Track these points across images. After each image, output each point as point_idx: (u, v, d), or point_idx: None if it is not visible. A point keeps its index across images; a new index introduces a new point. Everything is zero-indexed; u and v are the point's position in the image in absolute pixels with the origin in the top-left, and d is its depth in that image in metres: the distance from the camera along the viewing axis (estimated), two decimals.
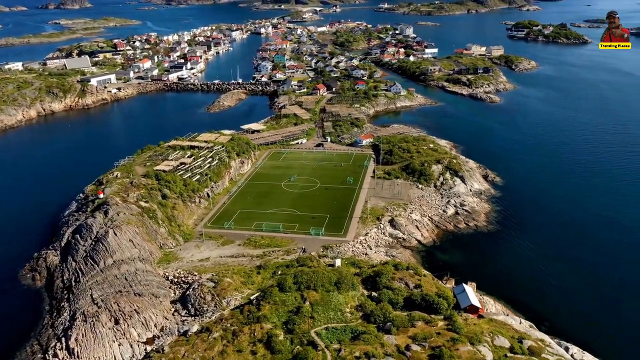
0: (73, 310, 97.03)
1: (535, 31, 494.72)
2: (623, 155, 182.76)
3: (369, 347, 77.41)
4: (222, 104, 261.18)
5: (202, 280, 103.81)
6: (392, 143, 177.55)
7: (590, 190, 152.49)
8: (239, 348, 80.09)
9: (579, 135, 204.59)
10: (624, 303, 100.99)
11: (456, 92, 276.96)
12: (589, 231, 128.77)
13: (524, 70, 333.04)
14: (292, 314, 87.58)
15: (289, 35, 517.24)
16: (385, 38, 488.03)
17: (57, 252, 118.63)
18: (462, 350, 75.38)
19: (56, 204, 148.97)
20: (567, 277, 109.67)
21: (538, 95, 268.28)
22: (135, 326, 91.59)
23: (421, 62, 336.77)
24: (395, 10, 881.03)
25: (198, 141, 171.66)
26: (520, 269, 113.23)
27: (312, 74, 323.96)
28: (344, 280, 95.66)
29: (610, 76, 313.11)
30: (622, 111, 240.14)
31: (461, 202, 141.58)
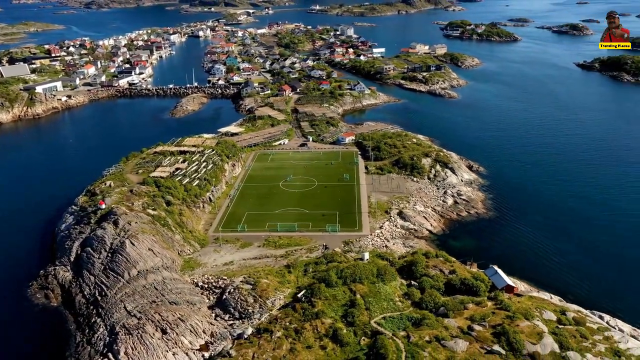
0: (110, 325, 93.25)
1: (469, 30, 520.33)
2: (580, 140, 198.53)
3: (434, 331, 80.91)
4: (186, 108, 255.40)
5: (237, 284, 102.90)
6: (376, 139, 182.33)
7: (562, 173, 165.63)
8: (307, 344, 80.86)
9: (538, 125, 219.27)
10: (625, 270, 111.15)
11: (414, 89, 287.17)
12: (574, 209, 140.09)
13: (470, 67, 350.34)
14: (347, 307, 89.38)
15: (232, 38, 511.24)
16: (328, 39, 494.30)
17: (68, 268, 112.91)
18: (522, 326, 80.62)
19: (43, 217, 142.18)
20: (568, 253, 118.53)
21: (491, 90, 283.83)
22: (184, 334, 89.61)
23: (374, 62, 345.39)
24: (328, 11, 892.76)
25: (185, 146, 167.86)
26: (526, 249, 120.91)
27: (268, 75, 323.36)
28: (385, 272, 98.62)
29: (549, 70, 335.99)
30: (569, 101, 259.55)
31: (457, 192, 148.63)
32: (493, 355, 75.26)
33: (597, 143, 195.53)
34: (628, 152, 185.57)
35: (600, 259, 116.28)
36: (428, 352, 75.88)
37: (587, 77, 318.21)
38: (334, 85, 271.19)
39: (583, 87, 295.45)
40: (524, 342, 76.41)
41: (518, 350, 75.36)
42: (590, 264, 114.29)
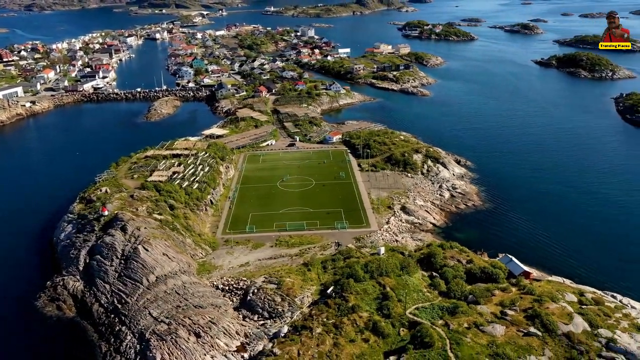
0: (137, 332, 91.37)
1: (428, 30, 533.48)
2: (549, 131, 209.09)
3: (470, 318, 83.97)
4: (160, 112, 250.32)
5: (259, 284, 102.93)
6: (364, 138, 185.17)
7: (541, 163, 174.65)
8: (349, 338, 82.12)
9: (510, 119, 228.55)
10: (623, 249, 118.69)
11: (386, 88, 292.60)
12: (561, 196, 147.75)
13: (435, 65, 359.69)
14: (379, 300, 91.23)
15: (192, 40, 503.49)
16: (291, 40, 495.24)
17: (77, 277, 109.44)
18: (551, 308, 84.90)
19: (35, 227, 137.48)
20: (565, 238, 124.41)
21: (460, 87, 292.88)
22: (218, 337, 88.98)
23: (342, 62, 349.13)
24: (283, 13, 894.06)
25: (176, 149, 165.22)
26: (527, 237, 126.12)
27: (239, 77, 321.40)
28: (408, 265, 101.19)
29: (510, 67, 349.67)
30: (534, 96, 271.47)
31: (452, 185, 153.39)
32: (530, 337, 78.92)
33: (565, 134, 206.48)
34: (593, 140, 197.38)
35: (595, 242, 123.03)
36: (470, 337, 78.78)
37: (546, 74, 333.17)
38: (309, 86, 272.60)
39: (545, 83, 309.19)
40: (557, 323, 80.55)
41: (553, 331, 79.35)
42: (587, 247, 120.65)
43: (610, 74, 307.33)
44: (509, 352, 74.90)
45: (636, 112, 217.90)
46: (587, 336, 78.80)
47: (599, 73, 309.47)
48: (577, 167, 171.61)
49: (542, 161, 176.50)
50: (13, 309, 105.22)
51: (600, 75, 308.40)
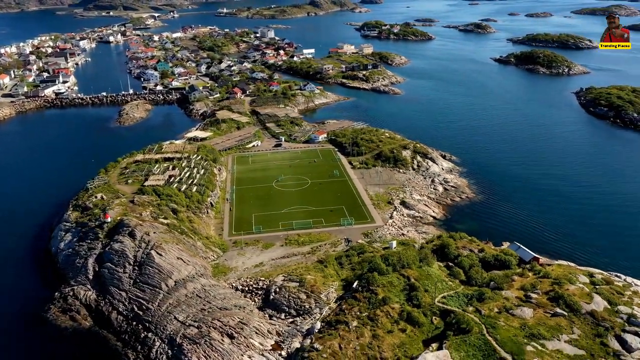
0: (166, 337, 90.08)
1: (386, 30, 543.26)
2: (525, 126, 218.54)
3: (498, 303, 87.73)
4: (133, 116, 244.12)
5: (280, 283, 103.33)
6: (351, 136, 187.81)
7: (520, 154, 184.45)
8: (387, 329, 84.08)
9: (484, 115, 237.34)
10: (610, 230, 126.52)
11: (358, 87, 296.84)
12: (544, 185, 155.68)
13: (400, 64, 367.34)
14: (406, 292, 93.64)
15: (150, 43, 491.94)
16: (252, 41, 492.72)
17: (88, 286, 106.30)
18: (571, 289, 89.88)
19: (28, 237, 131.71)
20: (557, 223, 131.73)
21: (429, 85, 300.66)
22: (251, 337, 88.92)
23: (310, 62, 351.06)
24: (237, 14, 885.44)
25: (167, 152, 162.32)
26: (521, 225, 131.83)
27: (207, 79, 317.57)
28: (426, 256, 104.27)
29: (471, 65, 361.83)
30: (500, 92, 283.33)
31: (443, 179, 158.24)
32: (558, 317, 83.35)
33: (537, 127, 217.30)
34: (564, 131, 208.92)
35: (583, 225, 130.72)
36: (503, 321, 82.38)
37: (506, 71, 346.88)
38: (283, 86, 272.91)
39: (507, 80, 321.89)
40: (579, 302, 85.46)
41: (577, 311, 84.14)
42: (578, 230, 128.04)
43: (566, 70, 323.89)
44: (543, 332, 78.92)
45: (598, 105, 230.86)
46: (608, 313, 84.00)
47: (556, 69, 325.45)
48: (554, 157, 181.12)
49: (521, 153, 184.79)
50: (21, 323, 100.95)
51: (558, 71, 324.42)
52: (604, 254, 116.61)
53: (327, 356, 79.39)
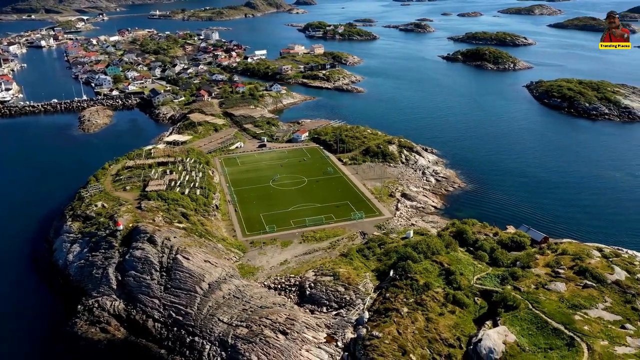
0: (216, 340, 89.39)
1: (331, 30, 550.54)
2: (489, 119, 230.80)
3: (531, 280, 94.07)
4: (96, 122, 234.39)
5: (314, 278, 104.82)
6: (335, 133, 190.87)
7: (496, 146, 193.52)
8: (438, 312, 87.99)
9: (449, 109, 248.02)
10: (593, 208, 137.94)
11: (320, 87, 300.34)
12: (524, 172, 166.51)
13: (354, 64, 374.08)
14: (443, 276, 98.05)
15: (89, 47, 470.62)
16: (198, 44, 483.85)
17: (114, 296, 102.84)
18: (592, 263, 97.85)
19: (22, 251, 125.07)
20: (547, 206, 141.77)
21: (388, 83, 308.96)
22: (303, 331, 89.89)
23: (267, 63, 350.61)
24: (172, 17, 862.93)
25: (158, 157, 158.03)
26: (516, 209, 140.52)
27: (164, 83, 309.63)
28: (450, 243, 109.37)
29: (422, 63, 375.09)
30: (456, 87, 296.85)
31: (433, 171, 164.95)
32: (589, 289, 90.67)
33: (500, 119, 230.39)
34: (525, 122, 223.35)
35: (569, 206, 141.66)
36: (542, 296, 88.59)
37: (455, 67, 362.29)
38: (249, 87, 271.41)
39: (459, 76, 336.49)
40: (604, 274, 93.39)
41: (604, 281, 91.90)
42: (570, 211, 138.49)
43: (512, 65, 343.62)
44: (582, 302, 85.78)
45: (551, 96, 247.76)
46: (630, 282, 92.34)
47: (502, 65, 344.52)
48: (524, 146, 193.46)
49: (494, 144, 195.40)
50: (47, 341, 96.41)
51: (504, 67, 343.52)
52: (597, 231, 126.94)
53: (390, 342, 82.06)
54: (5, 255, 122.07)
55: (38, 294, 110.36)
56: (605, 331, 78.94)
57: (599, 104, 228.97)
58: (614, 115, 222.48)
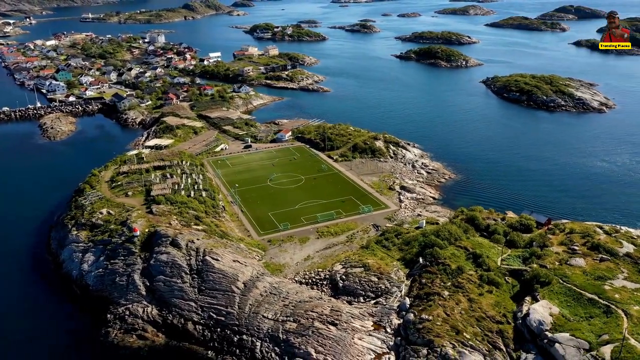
0: (266, 336, 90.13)
1: (280, 32, 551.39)
2: (458, 113, 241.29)
3: (552, 257, 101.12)
4: (61, 130, 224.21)
5: (344, 271, 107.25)
6: (319, 132, 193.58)
7: (472, 137, 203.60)
8: (477, 293, 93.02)
9: (418, 105, 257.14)
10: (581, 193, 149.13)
11: (286, 87, 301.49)
12: (503, 160, 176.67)
13: (312, 64, 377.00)
14: (470, 260, 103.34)
15: (27, 52, 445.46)
16: (146, 47, 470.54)
17: (145, 302, 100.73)
18: (601, 239, 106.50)
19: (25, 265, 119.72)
20: (536, 190, 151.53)
21: (351, 82, 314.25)
22: (350, 321, 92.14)
23: (226, 65, 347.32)
24: (106, 19, 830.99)
25: (150, 161, 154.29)
26: (508, 194, 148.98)
27: (122, 87, 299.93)
28: (467, 229, 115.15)
29: (378, 62, 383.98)
30: (418, 84, 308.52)
31: (422, 164, 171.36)
32: (605, 262, 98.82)
33: (467, 113, 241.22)
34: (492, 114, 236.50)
35: (561, 191, 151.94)
36: (567, 271, 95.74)
37: (411, 65, 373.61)
38: (217, 89, 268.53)
39: (418, 74, 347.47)
40: (615, 248, 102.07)
41: (616, 254, 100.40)
42: (557, 195, 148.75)
43: (464, 62, 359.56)
44: (606, 274, 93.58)
45: (510, 91, 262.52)
46: (639, 253, 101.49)
47: (455, 62, 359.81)
48: (496, 136, 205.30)
49: (469, 136, 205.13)
50: (84, 352, 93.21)
51: (457, 64, 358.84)
52: (585, 210, 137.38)
53: (441, 323, 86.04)
54: (9, 273, 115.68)
55: (56, 309, 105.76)
56: (634, 298, 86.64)
57: (555, 97, 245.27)
58: (570, 107, 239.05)
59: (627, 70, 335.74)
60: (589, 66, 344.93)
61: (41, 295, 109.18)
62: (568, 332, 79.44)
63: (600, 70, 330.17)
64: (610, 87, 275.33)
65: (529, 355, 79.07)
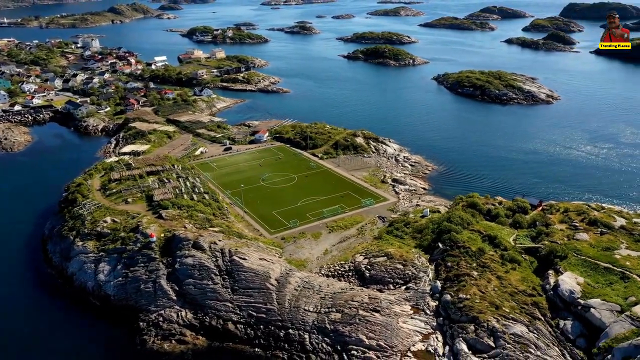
0: (313, 328, 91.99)
1: (220, 34, 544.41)
2: (419, 108, 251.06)
3: (560, 234, 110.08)
4: (17, 141, 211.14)
5: (367, 261, 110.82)
6: (297, 131, 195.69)
7: (440, 130, 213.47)
8: (505, 270, 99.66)
9: (377, 103, 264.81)
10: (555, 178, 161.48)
11: (244, 90, 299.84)
12: (478, 151, 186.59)
13: (262, 66, 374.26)
14: (487, 241, 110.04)
15: None
16: (83, 52, 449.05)
17: (177, 307, 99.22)
18: (596, 215, 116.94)
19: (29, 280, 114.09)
20: (509, 175, 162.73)
21: (307, 82, 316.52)
22: (390, 307, 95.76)
23: (178, 69, 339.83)
24: (25, 24, 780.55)
25: (139, 167, 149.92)
26: (489, 182, 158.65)
27: (69, 94, 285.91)
28: (474, 214, 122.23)
29: (327, 62, 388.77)
30: (373, 83, 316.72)
31: (405, 157, 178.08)
32: (605, 235, 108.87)
33: (429, 107, 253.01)
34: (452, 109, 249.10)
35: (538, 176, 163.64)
36: (577, 245, 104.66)
37: (360, 65, 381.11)
38: (178, 93, 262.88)
39: (370, 73, 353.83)
40: (611, 222, 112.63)
41: (612, 228, 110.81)
42: (538, 178, 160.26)
43: (411, 61, 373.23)
44: (611, 245, 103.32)
45: (464, 86, 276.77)
46: (632, 225, 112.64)
47: (403, 61, 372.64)
48: (461, 129, 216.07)
49: (437, 130, 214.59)
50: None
51: (404, 63, 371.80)
52: (564, 192, 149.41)
53: (480, 300, 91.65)
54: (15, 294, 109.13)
55: (79, 324, 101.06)
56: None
57: (507, 90, 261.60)
58: (521, 99, 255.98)
59: (558, 65, 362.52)
60: (524, 62, 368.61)
61: (56, 312, 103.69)
62: (598, 297, 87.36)
63: (535, 65, 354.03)
64: (550, 81, 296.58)
65: (567, 322, 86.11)
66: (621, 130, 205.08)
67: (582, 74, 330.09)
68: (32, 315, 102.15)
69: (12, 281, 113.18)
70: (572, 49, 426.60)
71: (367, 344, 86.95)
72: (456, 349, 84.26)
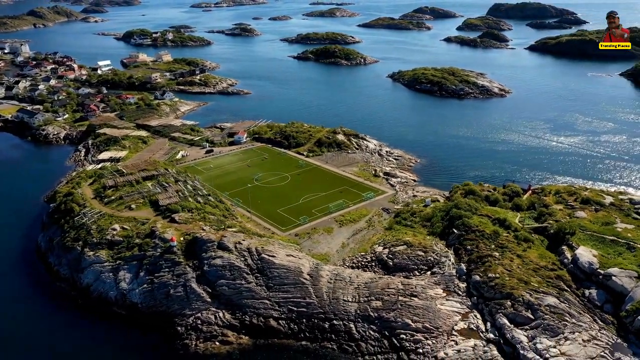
0: (358, 318, 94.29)
1: (160, 37, 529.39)
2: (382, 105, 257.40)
3: (561, 213, 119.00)
4: None
5: (389, 250, 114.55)
6: (277, 131, 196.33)
7: (412, 125, 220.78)
8: (523, 249, 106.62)
9: (341, 102, 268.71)
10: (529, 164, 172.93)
11: (203, 92, 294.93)
12: (450, 143, 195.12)
13: (214, 68, 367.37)
14: (497, 224, 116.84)
15: None
16: (13, 58, 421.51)
17: (213, 309, 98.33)
18: (587, 194, 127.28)
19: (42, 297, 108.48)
20: (489, 164, 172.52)
21: (266, 84, 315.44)
22: (426, 292, 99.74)
23: (127, 73, 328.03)
24: None
25: (131, 173, 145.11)
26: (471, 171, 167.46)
27: (15, 102, 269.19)
28: (476, 200, 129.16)
29: (279, 63, 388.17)
30: (330, 83, 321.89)
31: (387, 152, 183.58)
32: (600, 211, 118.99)
33: (391, 104, 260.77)
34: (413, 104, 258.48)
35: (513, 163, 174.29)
36: (580, 222, 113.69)
37: (312, 65, 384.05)
38: (140, 97, 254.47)
39: (325, 73, 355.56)
40: (602, 200, 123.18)
41: (604, 205, 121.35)
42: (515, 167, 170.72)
43: (362, 60, 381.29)
44: (609, 219, 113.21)
45: (421, 83, 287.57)
46: (619, 202, 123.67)
47: (354, 61, 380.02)
48: (430, 123, 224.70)
49: (406, 126, 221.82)
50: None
51: (356, 62, 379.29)
52: (544, 176, 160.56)
53: (509, 278, 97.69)
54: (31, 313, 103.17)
55: (109, 335, 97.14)
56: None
57: (463, 85, 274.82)
58: (477, 94, 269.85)
59: (499, 61, 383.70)
60: (467, 59, 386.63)
61: (81, 326, 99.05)
62: (615, 267, 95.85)
63: (478, 61, 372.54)
64: (497, 75, 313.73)
65: (591, 291, 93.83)
66: (576, 119, 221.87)
67: (523, 68, 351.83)
68: (56, 334, 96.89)
69: (21, 300, 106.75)
70: (507, 45, 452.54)
71: (413, 327, 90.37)
72: (499, 323, 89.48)
